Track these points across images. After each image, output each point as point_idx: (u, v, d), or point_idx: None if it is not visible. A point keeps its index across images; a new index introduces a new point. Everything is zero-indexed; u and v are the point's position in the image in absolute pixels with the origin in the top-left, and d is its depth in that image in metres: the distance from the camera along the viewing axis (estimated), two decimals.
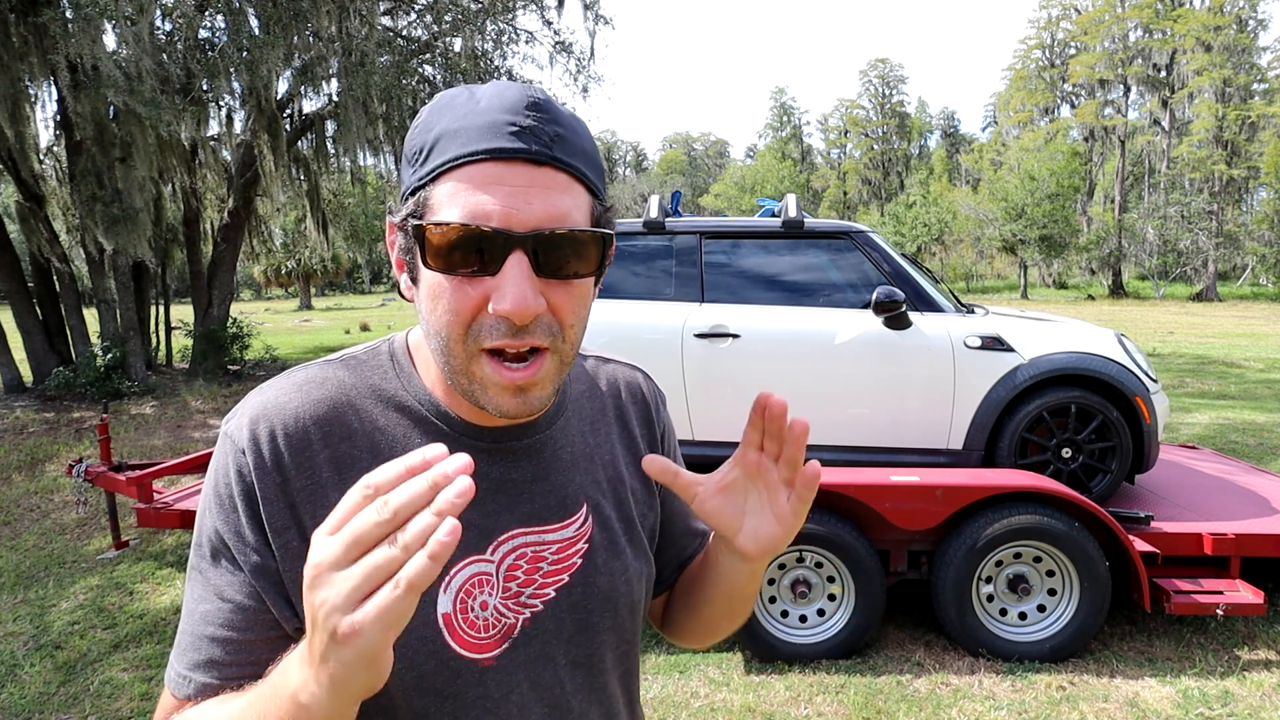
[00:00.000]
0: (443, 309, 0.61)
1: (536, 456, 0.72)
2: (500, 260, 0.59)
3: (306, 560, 0.56)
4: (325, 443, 0.65)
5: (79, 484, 4.21)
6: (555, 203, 0.60)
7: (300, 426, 0.65)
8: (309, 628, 0.48)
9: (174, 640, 0.66)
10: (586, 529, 0.73)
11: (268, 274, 34.12)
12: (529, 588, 0.69)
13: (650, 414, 0.84)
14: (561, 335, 0.63)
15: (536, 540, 0.70)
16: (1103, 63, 39.97)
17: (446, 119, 0.61)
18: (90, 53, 7.36)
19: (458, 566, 0.66)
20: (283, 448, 0.64)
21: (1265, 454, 6.16)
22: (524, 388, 0.62)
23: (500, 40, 10.99)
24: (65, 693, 3.00)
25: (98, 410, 8.41)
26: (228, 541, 0.63)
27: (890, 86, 62.42)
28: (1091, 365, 3.42)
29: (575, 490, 0.73)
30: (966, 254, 42.38)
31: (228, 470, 0.64)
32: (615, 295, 3.79)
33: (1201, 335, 16.75)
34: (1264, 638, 3.27)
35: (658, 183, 63.57)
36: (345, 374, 0.69)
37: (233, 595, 0.63)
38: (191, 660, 0.63)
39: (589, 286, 0.65)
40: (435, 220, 0.59)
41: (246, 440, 0.64)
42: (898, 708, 2.80)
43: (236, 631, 0.62)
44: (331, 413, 0.66)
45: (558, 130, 0.61)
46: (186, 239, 11.83)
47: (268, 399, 0.66)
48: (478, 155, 0.59)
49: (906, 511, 3.05)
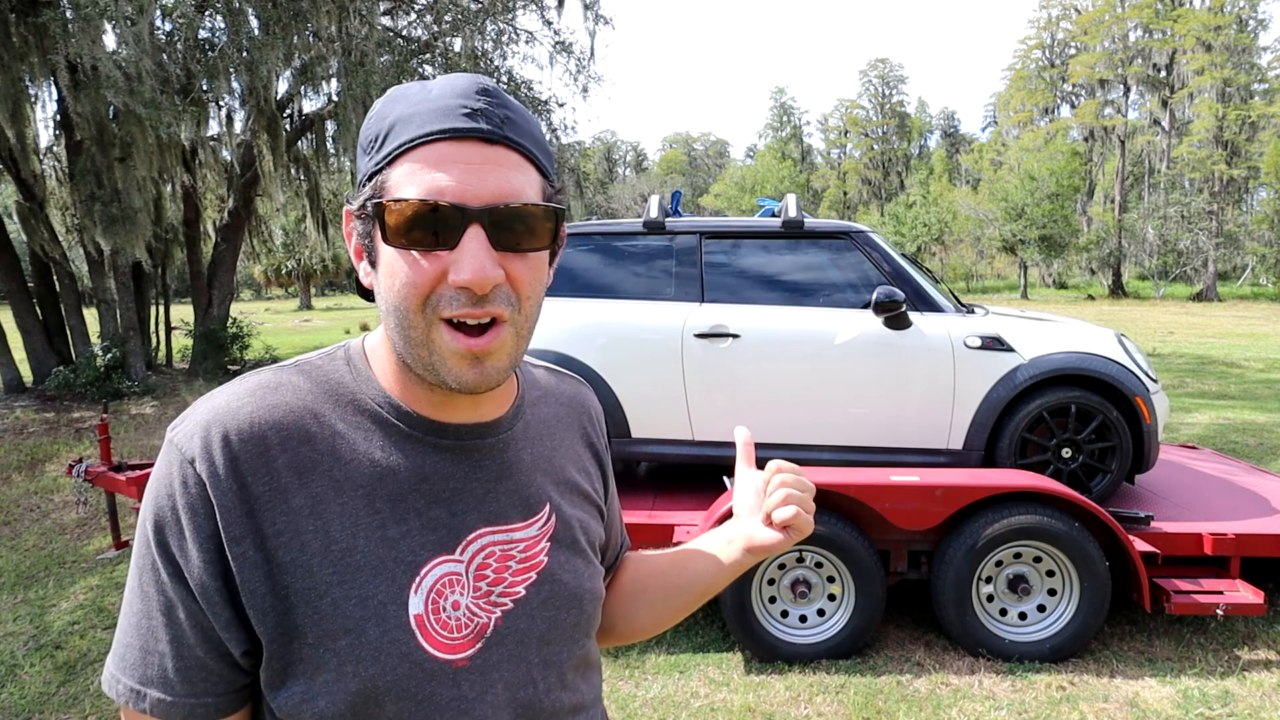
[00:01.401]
0: (401, 283, 0.61)
1: (499, 456, 0.72)
2: (458, 234, 0.60)
3: (265, 573, 0.61)
4: (283, 447, 0.63)
5: (79, 484, 4.21)
6: (509, 179, 0.62)
7: (256, 431, 0.63)
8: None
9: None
10: (550, 527, 0.74)
11: (268, 274, 34.12)
12: (499, 586, 0.69)
13: (597, 425, 0.89)
14: (519, 307, 0.64)
15: (504, 539, 0.70)
16: (1103, 63, 39.96)
17: (400, 107, 0.63)
18: (90, 53, 7.36)
19: (428, 566, 0.66)
20: (238, 453, 0.62)
21: (1265, 454, 6.16)
22: (480, 356, 0.63)
23: (500, 40, 10.99)
24: (65, 693, 3.00)
25: (98, 410, 8.41)
26: (174, 555, 0.61)
27: (890, 86, 62.42)
28: (1091, 365, 3.42)
29: (537, 490, 0.75)
30: (966, 254, 42.38)
31: (171, 482, 0.61)
32: (615, 295, 3.79)
33: (1201, 335, 16.75)
34: (1264, 638, 3.27)
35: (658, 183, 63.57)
36: (300, 379, 0.68)
37: (178, 614, 0.62)
38: (141, 675, 0.62)
39: (543, 260, 0.67)
40: (393, 198, 0.61)
41: (198, 449, 0.61)
42: (898, 708, 2.80)
43: (184, 649, 0.62)
44: (288, 417, 0.65)
45: (507, 113, 0.64)
46: (186, 239, 11.82)
47: (218, 404, 0.64)
48: (432, 136, 0.61)
49: (906, 511, 3.05)
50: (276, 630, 0.62)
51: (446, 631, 0.66)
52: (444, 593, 0.66)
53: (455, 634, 0.66)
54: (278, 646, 0.62)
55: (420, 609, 0.65)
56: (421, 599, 0.65)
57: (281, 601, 0.61)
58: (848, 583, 3.13)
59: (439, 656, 0.65)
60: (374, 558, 0.64)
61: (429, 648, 0.65)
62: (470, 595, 0.67)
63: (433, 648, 0.65)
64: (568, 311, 3.73)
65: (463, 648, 0.66)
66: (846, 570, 3.11)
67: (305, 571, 0.62)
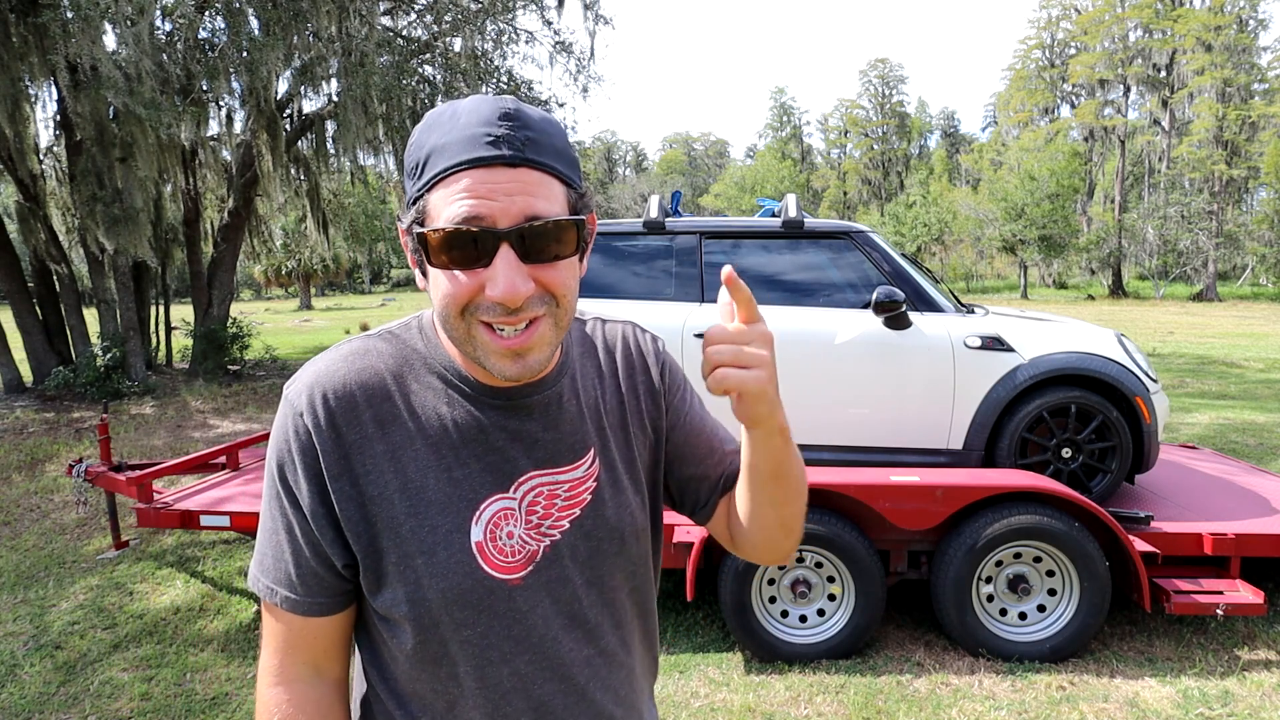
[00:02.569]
0: (444, 294, 0.72)
1: (547, 410, 0.83)
2: (491, 254, 0.69)
3: (358, 504, 0.76)
4: (369, 403, 0.77)
5: (79, 484, 4.21)
6: (532, 198, 0.70)
7: (347, 390, 0.77)
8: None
9: (253, 551, 0.82)
10: (594, 470, 0.85)
11: (268, 274, 34.08)
12: (547, 520, 0.81)
13: (650, 358, 0.94)
14: (556, 303, 0.73)
15: (551, 481, 0.82)
16: (1103, 63, 39.95)
17: (434, 136, 0.72)
18: (90, 53, 7.36)
19: (486, 503, 0.79)
20: (334, 408, 0.76)
21: (1265, 454, 6.16)
22: (520, 352, 0.72)
23: (500, 40, 10.99)
24: (65, 693, 3.00)
25: (98, 410, 8.41)
26: (291, 488, 0.77)
27: (890, 86, 62.41)
28: (1091, 365, 3.42)
29: (583, 437, 0.85)
30: (966, 254, 42.36)
31: (287, 428, 0.77)
32: (615, 295, 3.78)
33: (1201, 335, 16.75)
34: (1264, 638, 3.27)
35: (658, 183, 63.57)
36: (384, 345, 0.82)
37: (296, 533, 0.78)
38: (274, 577, 0.79)
39: (574, 262, 0.75)
40: (432, 227, 0.70)
41: (305, 404, 0.76)
42: (898, 708, 2.80)
43: (302, 560, 0.78)
44: (373, 378, 0.79)
45: (528, 135, 0.71)
46: (186, 239, 11.83)
47: (320, 369, 0.79)
48: (461, 165, 0.69)
49: (906, 511, 3.05)
50: (369, 549, 0.77)
51: (503, 556, 0.79)
52: (500, 524, 0.79)
53: (510, 558, 0.79)
54: (370, 561, 0.77)
55: (480, 537, 0.78)
56: (481, 529, 0.78)
57: (371, 527, 0.77)
58: (848, 583, 3.13)
59: (496, 576, 0.78)
60: (442, 494, 0.78)
61: (488, 569, 0.78)
62: (523, 527, 0.80)
63: (491, 569, 0.78)
64: None
65: (516, 569, 0.79)
66: (846, 570, 3.10)
67: (388, 504, 0.77)
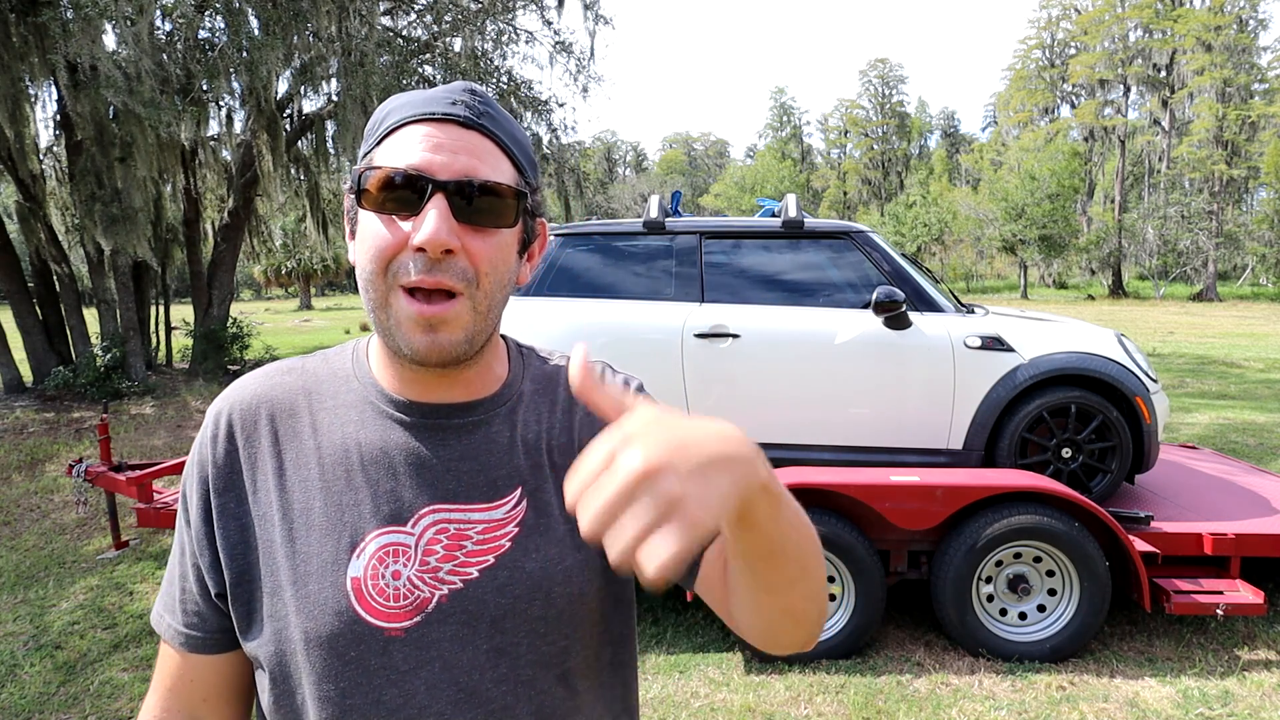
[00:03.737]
0: (368, 248, 0.67)
1: (467, 436, 0.73)
2: (423, 202, 0.65)
3: (240, 522, 0.71)
4: (271, 420, 0.74)
5: (79, 484, 4.21)
6: (478, 161, 0.67)
7: (253, 406, 0.75)
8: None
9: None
10: (518, 513, 0.72)
11: (268, 274, 34.09)
12: (448, 564, 0.69)
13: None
14: (476, 282, 0.67)
15: (460, 518, 0.70)
16: (1103, 63, 39.95)
17: (397, 102, 0.71)
18: (90, 53, 7.35)
19: (373, 535, 0.69)
20: (235, 424, 0.74)
21: (1265, 454, 6.16)
22: (434, 324, 0.66)
23: (500, 40, 10.99)
24: (65, 693, 3.00)
25: (98, 410, 8.40)
26: (187, 505, 0.74)
27: (890, 86, 62.40)
28: (1091, 365, 3.42)
29: (509, 473, 0.73)
30: (966, 254, 42.35)
31: (198, 442, 0.75)
32: (615, 295, 3.78)
33: (1201, 335, 16.75)
34: (1264, 638, 3.27)
35: (658, 183, 63.56)
36: (314, 364, 0.79)
37: (186, 554, 0.74)
38: (164, 603, 0.75)
39: (507, 241, 0.70)
40: (371, 165, 0.67)
41: (211, 419, 0.75)
42: (898, 708, 2.80)
43: (187, 585, 0.74)
44: (284, 395, 0.75)
45: (488, 109, 0.69)
46: (186, 239, 11.82)
47: (238, 384, 0.77)
48: (414, 118, 0.68)
49: (906, 511, 3.05)
50: (241, 574, 0.70)
51: (383, 599, 0.68)
52: (385, 561, 0.68)
53: (392, 603, 0.68)
54: (241, 590, 0.70)
55: (359, 573, 0.68)
56: (362, 564, 0.68)
57: (249, 550, 0.71)
58: (848, 583, 3.13)
59: (371, 622, 0.67)
60: (325, 520, 0.70)
61: (363, 612, 0.67)
62: (415, 568, 0.68)
63: (366, 613, 0.67)
64: (568, 312, 3.73)
65: (398, 618, 0.68)
66: (846, 570, 3.10)
67: (269, 525, 0.71)
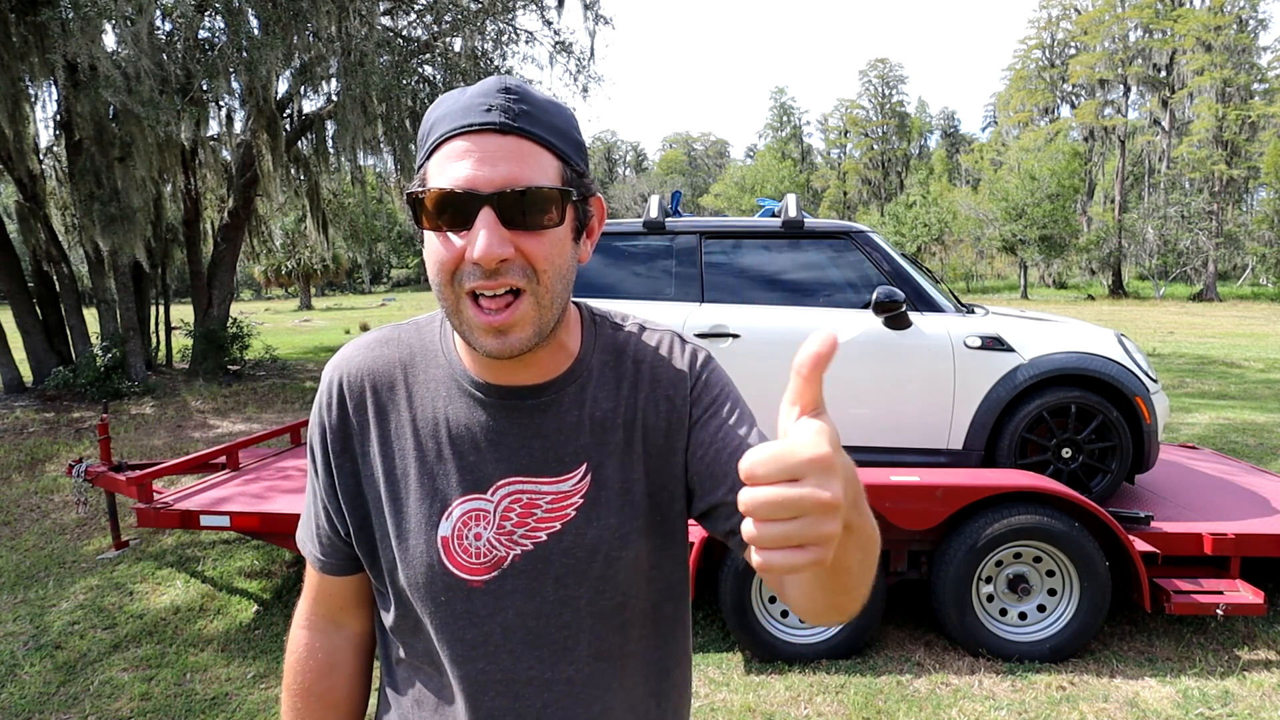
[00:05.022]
0: (434, 260, 0.72)
1: (539, 416, 0.81)
2: (473, 217, 0.69)
3: (355, 480, 0.83)
4: (374, 391, 0.83)
5: (79, 484, 4.20)
6: (519, 165, 0.70)
7: (359, 377, 0.84)
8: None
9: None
10: (583, 486, 0.81)
11: (268, 274, 34.06)
12: (521, 529, 0.79)
13: (678, 377, 0.84)
14: (536, 279, 0.72)
15: (532, 489, 0.80)
16: (1103, 63, 39.94)
17: (440, 110, 0.74)
18: (89, 53, 7.35)
19: (458, 501, 0.79)
20: (345, 393, 0.84)
21: (1265, 454, 6.16)
22: (502, 330, 0.72)
23: (500, 40, 10.98)
24: (65, 693, 2.99)
25: (98, 410, 8.40)
26: (314, 456, 0.86)
27: (890, 86, 62.39)
28: (1091, 365, 3.42)
29: (576, 450, 0.81)
30: (966, 254, 42.35)
31: (316, 404, 0.86)
32: (615, 295, 3.78)
33: (1201, 335, 16.74)
34: (1264, 638, 3.27)
35: (658, 183, 63.58)
36: (405, 335, 0.87)
37: (317, 496, 0.87)
38: (305, 532, 0.90)
39: (560, 236, 0.73)
40: (423, 185, 0.72)
41: (324, 385, 0.85)
42: (898, 708, 2.80)
43: (319, 522, 0.87)
44: (384, 368, 0.84)
45: (524, 107, 0.71)
46: (186, 239, 11.82)
47: (345, 354, 0.87)
48: (454, 131, 0.71)
49: (906, 511, 3.05)
50: (361, 523, 0.84)
51: (467, 556, 0.79)
52: (469, 524, 0.79)
53: (474, 560, 0.79)
54: (362, 535, 0.84)
55: (448, 533, 0.79)
56: (450, 525, 0.79)
57: (363, 503, 0.83)
58: None
59: (457, 574, 0.79)
60: (419, 485, 0.80)
61: (450, 566, 0.79)
62: (493, 531, 0.79)
63: (454, 566, 0.79)
64: None
65: (479, 571, 0.79)
66: None
67: (376, 485, 0.82)
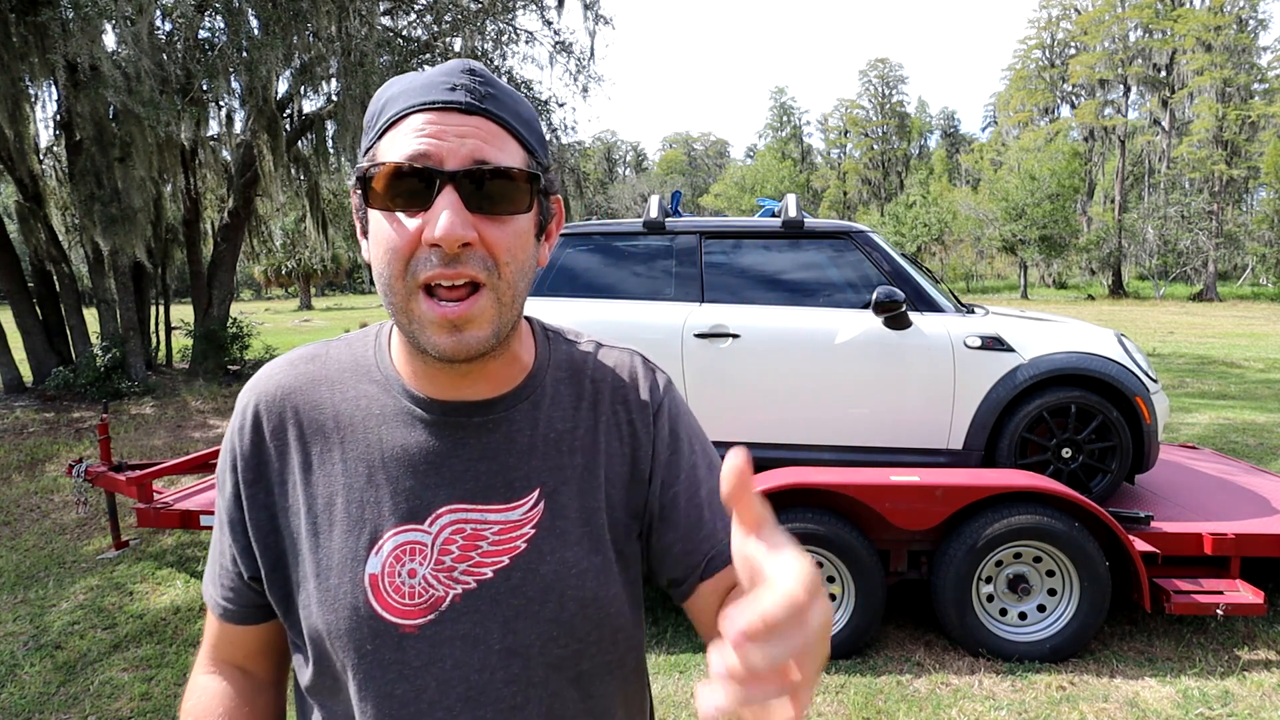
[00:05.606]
0: (384, 249, 0.64)
1: (487, 436, 0.72)
2: (433, 195, 0.63)
3: (269, 513, 0.72)
4: (296, 412, 0.73)
5: (79, 484, 4.21)
6: (484, 145, 0.64)
7: (278, 398, 0.74)
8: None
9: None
10: (535, 514, 0.71)
11: (268, 274, 34.11)
12: (463, 564, 0.69)
13: (641, 400, 0.78)
14: (497, 272, 0.65)
15: (477, 518, 0.70)
16: (1103, 63, 39.94)
17: (395, 88, 0.68)
18: (90, 53, 7.35)
19: (390, 532, 0.69)
20: (262, 416, 0.74)
21: (1265, 454, 6.16)
22: (458, 324, 0.64)
23: (500, 40, 10.99)
24: (65, 693, 2.99)
25: (98, 410, 8.40)
26: (223, 490, 0.75)
27: (890, 86, 62.39)
28: (1091, 365, 3.41)
29: (528, 474, 0.72)
30: (966, 254, 42.35)
31: (229, 430, 0.76)
32: (615, 295, 3.78)
33: (1201, 335, 16.74)
34: (1264, 638, 3.27)
35: (658, 183, 63.57)
36: (340, 350, 0.77)
37: (224, 536, 0.76)
38: (209, 574, 0.79)
39: (523, 226, 0.67)
40: (374, 161, 0.65)
41: (239, 408, 0.76)
42: (898, 708, 2.80)
43: (224, 564, 0.77)
44: (308, 386, 0.74)
45: (490, 90, 0.66)
46: (186, 239, 11.82)
47: (264, 374, 0.77)
48: (414, 107, 0.64)
49: (906, 511, 3.05)
50: (274, 562, 0.73)
51: (399, 596, 0.68)
52: (402, 559, 0.68)
53: (407, 601, 0.68)
54: (276, 576, 0.73)
55: (376, 570, 0.68)
56: (380, 561, 0.68)
57: (279, 539, 0.72)
58: (848, 583, 3.12)
59: (386, 618, 0.68)
60: (346, 516, 0.70)
61: (379, 608, 0.68)
62: (429, 567, 0.69)
63: (382, 608, 0.68)
64: (568, 312, 3.73)
65: (413, 615, 0.68)
66: (846, 570, 3.10)
67: (295, 517, 0.72)
